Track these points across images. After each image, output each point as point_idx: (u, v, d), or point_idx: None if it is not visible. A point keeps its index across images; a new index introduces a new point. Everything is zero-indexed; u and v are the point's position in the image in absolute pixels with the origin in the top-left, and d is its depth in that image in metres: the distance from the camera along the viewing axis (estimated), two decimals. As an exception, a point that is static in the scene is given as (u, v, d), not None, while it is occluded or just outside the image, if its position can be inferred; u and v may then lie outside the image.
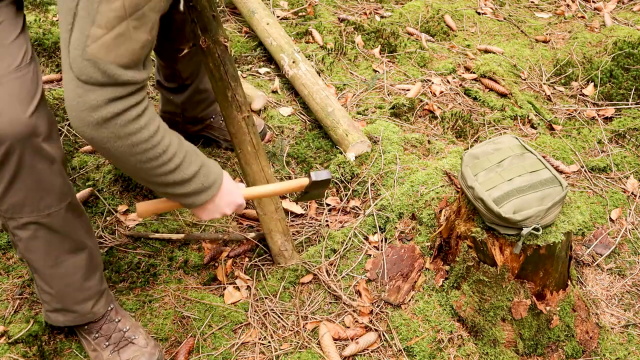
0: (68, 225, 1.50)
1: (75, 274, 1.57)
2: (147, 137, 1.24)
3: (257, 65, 2.99)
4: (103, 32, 1.11)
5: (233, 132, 1.88)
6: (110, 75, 1.14)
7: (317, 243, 2.13)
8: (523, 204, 1.61)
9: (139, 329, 1.73)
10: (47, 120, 1.37)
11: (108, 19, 1.10)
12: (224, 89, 1.83)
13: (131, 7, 1.11)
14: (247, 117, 1.86)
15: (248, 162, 1.92)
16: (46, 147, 1.37)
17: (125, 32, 1.13)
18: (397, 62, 3.08)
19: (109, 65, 1.13)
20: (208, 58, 1.81)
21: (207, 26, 1.75)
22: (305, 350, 1.81)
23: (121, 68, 1.15)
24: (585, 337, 1.84)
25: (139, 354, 1.67)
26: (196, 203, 1.41)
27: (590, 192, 2.37)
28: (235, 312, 1.90)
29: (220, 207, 1.48)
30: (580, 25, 3.46)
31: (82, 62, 1.13)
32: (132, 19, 1.13)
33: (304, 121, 2.65)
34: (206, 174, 1.40)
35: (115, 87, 1.16)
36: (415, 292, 1.91)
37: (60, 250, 1.52)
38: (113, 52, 1.13)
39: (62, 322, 1.65)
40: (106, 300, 1.69)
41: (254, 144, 1.90)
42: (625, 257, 2.14)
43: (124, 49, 1.14)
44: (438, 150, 2.45)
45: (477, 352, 1.77)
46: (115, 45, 1.13)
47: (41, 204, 1.42)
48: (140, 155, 1.24)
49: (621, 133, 2.63)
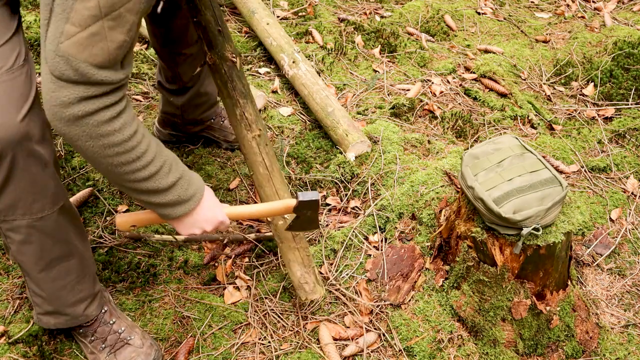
0: (60, 229, 1.49)
1: (66, 277, 1.56)
2: (121, 140, 1.23)
3: (257, 65, 2.99)
4: (77, 30, 1.11)
5: (244, 152, 1.78)
6: (82, 73, 1.14)
7: (317, 243, 2.13)
8: (523, 204, 1.61)
9: (135, 329, 1.73)
10: (40, 123, 1.35)
11: (82, 17, 1.10)
12: (232, 106, 1.75)
13: (106, 7, 1.11)
14: (258, 137, 1.74)
15: (261, 184, 1.80)
16: (39, 149, 1.35)
17: (100, 31, 1.12)
18: (397, 62, 3.08)
19: (81, 64, 1.13)
20: (216, 75, 1.76)
21: (212, 42, 1.69)
22: (305, 350, 1.81)
23: (94, 67, 1.14)
24: (585, 337, 1.84)
25: (134, 354, 1.67)
26: (172, 215, 1.40)
27: (590, 192, 2.37)
28: (236, 312, 1.90)
29: (199, 222, 1.46)
30: (580, 25, 3.46)
31: (55, 58, 1.13)
32: (108, 19, 1.12)
33: (304, 121, 2.65)
34: (185, 186, 1.39)
35: (88, 86, 1.16)
36: (415, 292, 1.91)
37: (52, 253, 1.51)
38: (86, 50, 1.13)
39: (53, 325, 1.64)
40: (99, 302, 1.68)
41: (266, 166, 1.77)
42: (625, 257, 2.14)
43: (98, 48, 1.13)
44: (438, 150, 2.45)
45: (477, 352, 1.77)
46: (89, 44, 1.12)
47: (34, 207, 1.41)
48: (112, 158, 1.24)
49: (621, 133, 2.63)
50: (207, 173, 2.35)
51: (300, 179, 2.35)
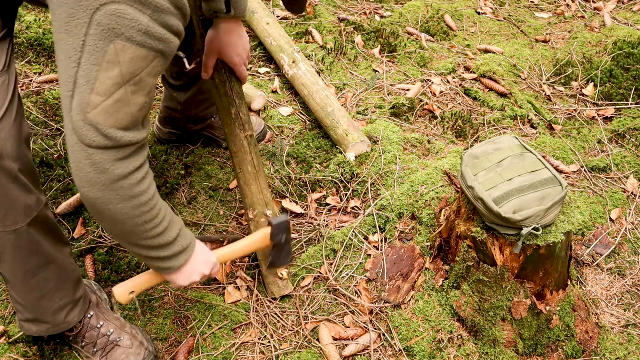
0: (36, 240, 1.48)
1: (45, 287, 1.56)
2: (148, 199, 1.28)
3: (257, 65, 2.99)
4: (102, 100, 1.15)
5: (234, 150, 1.84)
6: (112, 138, 1.18)
7: (317, 243, 2.13)
8: (523, 204, 1.61)
9: (125, 329, 1.73)
10: (12, 138, 1.32)
11: (107, 87, 1.14)
12: (228, 105, 1.79)
13: (129, 74, 1.15)
14: (249, 136, 1.82)
15: (247, 182, 1.88)
16: (9, 164, 1.33)
17: (124, 97, 1.17)
18: (397, 62, 3.08)
19: (109, 130, 1.17)
20: (215, 73, 1.78)
21: None
22: (305, 350, 1.81)
23: (122, 130, 1.19)
24: (585, 337, 1.84)
25: (124, 356, 1.68)
26: (176, 266, 1.45)
27: (590, 192, 2.37)
28: (236, 312, 1.90)
29: (199, 267, 1.51)
30: (580, 25, 3.46)
31: (84, 127, 1.16)
32: (130, 84, 1.17)
33: (304, 121, 2.65)
34: (184, 235, 1.44)
35: (119, 149, 1.20)
36: (415, 292, 1.91)
37: (28, 264, 1.50)
38: (113, 116, 1.17)
39: (35, 332, 1.64)
40: (82, 309, 1.67)
41: (254, 165, 1.86)
42: (625, 257, 2.14)
43: (123, 113, 1.18)
44: (438, 150, 2.45)
45: (477, 352, 1.78)
46: (115, 110, 1.17)
47: (7, 219, 1.39)
48: (139, 218, 1.29)
49: (621, 133, 2.63)
50: (207, 173, 2.35)
51: (300, 179, 2.35)
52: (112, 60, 1.12)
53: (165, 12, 1.14)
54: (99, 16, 1.08)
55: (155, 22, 1.14)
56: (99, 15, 1.08)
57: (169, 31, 1.17)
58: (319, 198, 2.30)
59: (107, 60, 1.12)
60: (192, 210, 2.22)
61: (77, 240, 2.05)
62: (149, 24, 1.12)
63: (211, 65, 1.79)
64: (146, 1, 1.10)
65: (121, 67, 1.13)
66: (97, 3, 1.08)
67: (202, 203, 2.25)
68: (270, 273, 1.91)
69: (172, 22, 1.17)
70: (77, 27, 1.10)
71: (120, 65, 1.13)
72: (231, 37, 1.74)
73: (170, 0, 1.14)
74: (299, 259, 2.08)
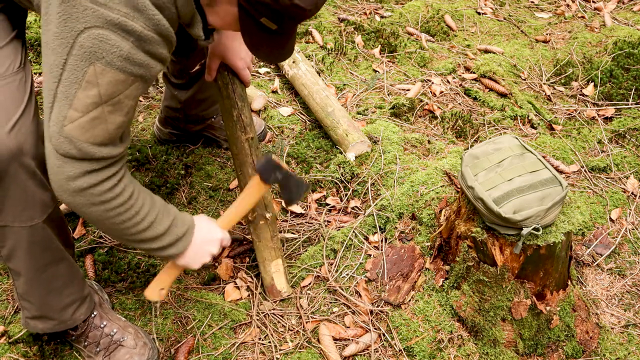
0: (49, 236, 1.50)
1: (55, 283, 1.57)
2: (121, 202, 1.32)
3: (257, 65, 2.99)
4: (79, 115, 1.19)
5: (235, 152, 1.84)
6: (85, 152, 1.22)
7: (317, 243, 2.13)
8: (523, 204, 1.61)
9: (128, 329, 1.73)
10: (31, 134, 1.34)
11: (84, 104, 1.18)
12: (230, 107, 1.79)
13: (106, 95, 1.19)
14: (251, 139, 1.82)
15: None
16: (28, 160, 1.34)
17: (100, 115, 1.20)
18: (397, 62, 3.08)
19: (83, 144, 1.21)
20: (217, 76, 1.79)
21: None
22: (305, 350, 1.81)
23: (96, 146, 1.23)
24: (585, 337, 1.84)
25: (128, 356, 1.68)
26: (176, 252, 1.48)
27: (590, 192, 2.37)
28: (236, 312, 1.90)
29: (205, 248, 1.54)
30: (580, 25, 3.46)
31: (60, 139, 1.21)
32: (108, 105, 1.20)
33: (304, 121, 2.65)
34: (178, 224, 1.47)
35: (91, 162, 1.24)
36: (415, 292, 1.91)
37: (41, 260, 1.51)
38: (88, 132, 1.21)
39: (40, 330, 1.64)
40: (88, 306, 1.68)
41: (255, 167, 1.84)
42: (625, 257, 2.14)
43: (99, 129, 1.22)
44: (438, 150, 2.45)
45: (477, 352, 1.78)
46: (91, 127, 1.21)
47: (23, 215, 1.41)
48: (114, 219, 1.33)
49: (621, 133, 2.63)
50: (207, 173, 2.35)
51: (300, 179, 2.35)
52: (90, 81, 1.16)
53: (149, 41, 1.18)
54: (82, 38, 1.13)
55: (138, 49, 1.17)
56: (82, 38, 1.13)
57: (151, 57, 1.21)
58: (319, 198, 2.30)
59: (86, 80, 1.16)
60: (192, 210, 2.22)
61: (77, 240, 2.05)
62: (130, 50, 1.16)
63: (214, 68, 1.80)
64: (130, 30, 1.14)
65: (99, 88, 1.17)
66: (82, 26, 1.12)
67: (202, 203, 2.25)
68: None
69: (154, 49, 1.20)
70: (61, 46, 1.14)
71: (99, 86, 1.17)
72: (234, 42, 1.75)
73: (155, 30, 1.18)
74: (299, 259, 2.08)
